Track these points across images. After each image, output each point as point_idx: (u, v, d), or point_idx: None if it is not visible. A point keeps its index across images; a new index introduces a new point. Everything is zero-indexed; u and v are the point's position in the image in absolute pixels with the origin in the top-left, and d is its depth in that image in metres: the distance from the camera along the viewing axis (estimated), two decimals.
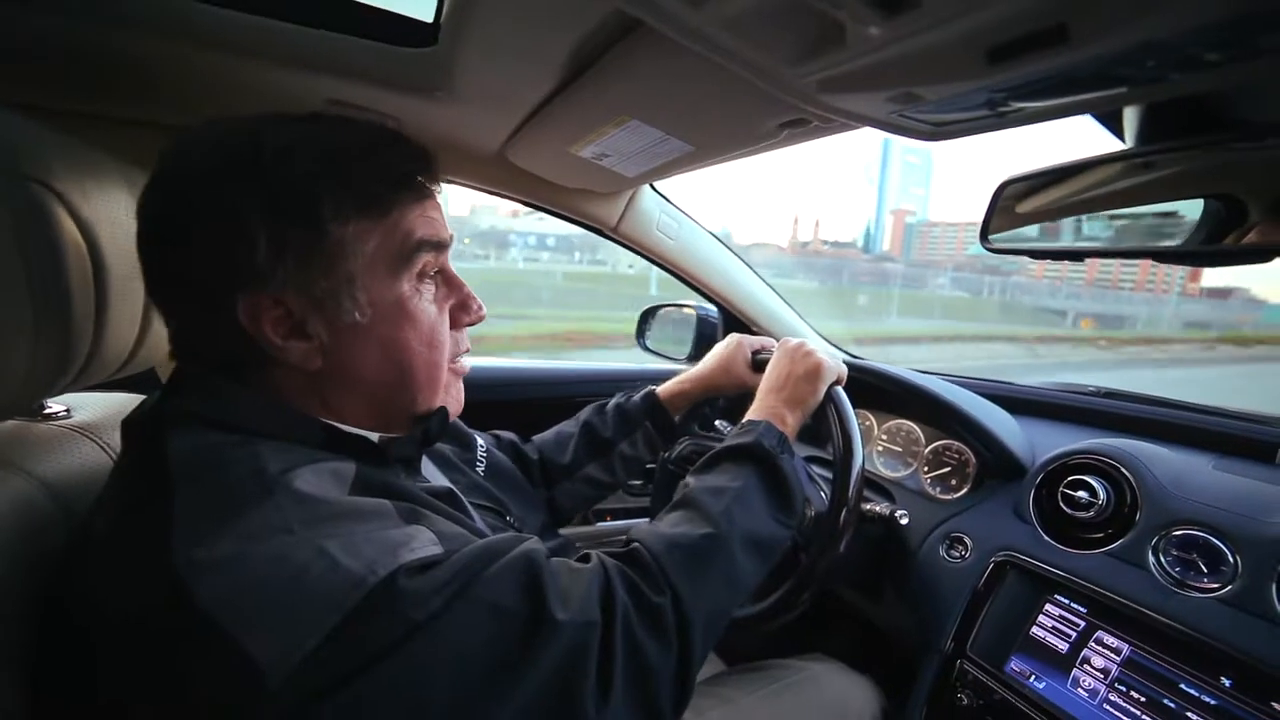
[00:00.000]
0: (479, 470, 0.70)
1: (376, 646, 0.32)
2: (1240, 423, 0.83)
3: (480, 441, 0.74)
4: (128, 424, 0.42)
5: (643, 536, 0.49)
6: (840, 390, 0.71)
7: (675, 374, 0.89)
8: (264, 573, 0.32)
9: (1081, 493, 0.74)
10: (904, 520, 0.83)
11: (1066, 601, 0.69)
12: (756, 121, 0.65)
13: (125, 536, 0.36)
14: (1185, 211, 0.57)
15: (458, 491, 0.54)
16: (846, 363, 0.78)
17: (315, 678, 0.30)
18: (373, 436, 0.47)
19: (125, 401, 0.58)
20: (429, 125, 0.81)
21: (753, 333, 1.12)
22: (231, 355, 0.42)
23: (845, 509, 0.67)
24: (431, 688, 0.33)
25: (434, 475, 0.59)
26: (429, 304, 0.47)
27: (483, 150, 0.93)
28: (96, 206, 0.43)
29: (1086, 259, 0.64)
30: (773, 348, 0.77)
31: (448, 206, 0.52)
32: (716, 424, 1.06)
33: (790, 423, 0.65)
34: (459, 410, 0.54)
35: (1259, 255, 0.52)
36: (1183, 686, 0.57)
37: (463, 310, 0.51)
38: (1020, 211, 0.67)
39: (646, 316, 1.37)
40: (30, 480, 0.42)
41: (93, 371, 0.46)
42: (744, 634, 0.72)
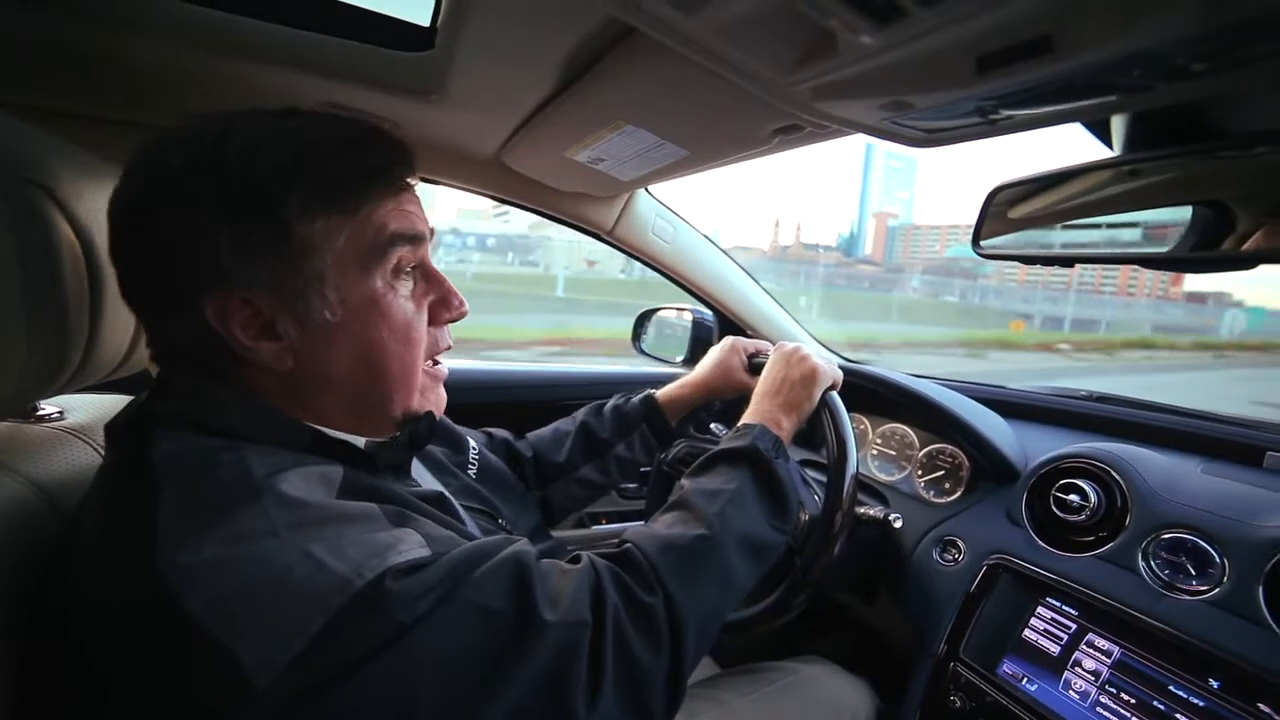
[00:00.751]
0: (470, 472, 0.70)
1: (364, 649, 0.32)
2: (1229, 427, 0.84)
3: (472, 443, 0.74)
4: (112, 427, 0.42)
5: (636, 537, 0.49)
6: (835, 395, 0.72)
7: (671, 377, 0.89)
8: (250, 576, 0.32)
9: (1073, 496, 0.74)
10: (898, 524, 0.84)
11: (1058, 604, 0.69)
12: (750, 127, 0.66)
13: (111, 539, 0.36)
14: (1174, 218, 0.58)
15: (448, 495, 0.53)
16: (842, 367, 0.79)
17: (303, 680, 0.30)
18: (359, 442, 0.46)
19: (119, 404, 0.58)
20: (425, 129, 0.82)
21: (748, 336, 1.13)
22: (205, 357, 0.41)
23: (839, 513, 0.67)
24: (420, 690, 0.33)
25: (424, 478, 0.59)
26: (405, 300, 0.46)
27: (479, 154, 0.93)
28: (91, 208, 0.43)
29: (1076, 264, 0.64)
30: (769, 351, 0.77)
31: None
32: (712, 427, 1.06)
33: (785, 427, 0.65)
34: (441, 411, 0.53)
35: (1245, 261, 0.53)
36: (1172, 688, 0.58)
37: (443, 306, 0.50)
38: (1012, 217, 0.68)
39: (643, 320, 1.37)
40: (23, 482, 0.42)
41: (87, 373, 0.46)
42: (738, 636, 0.72)
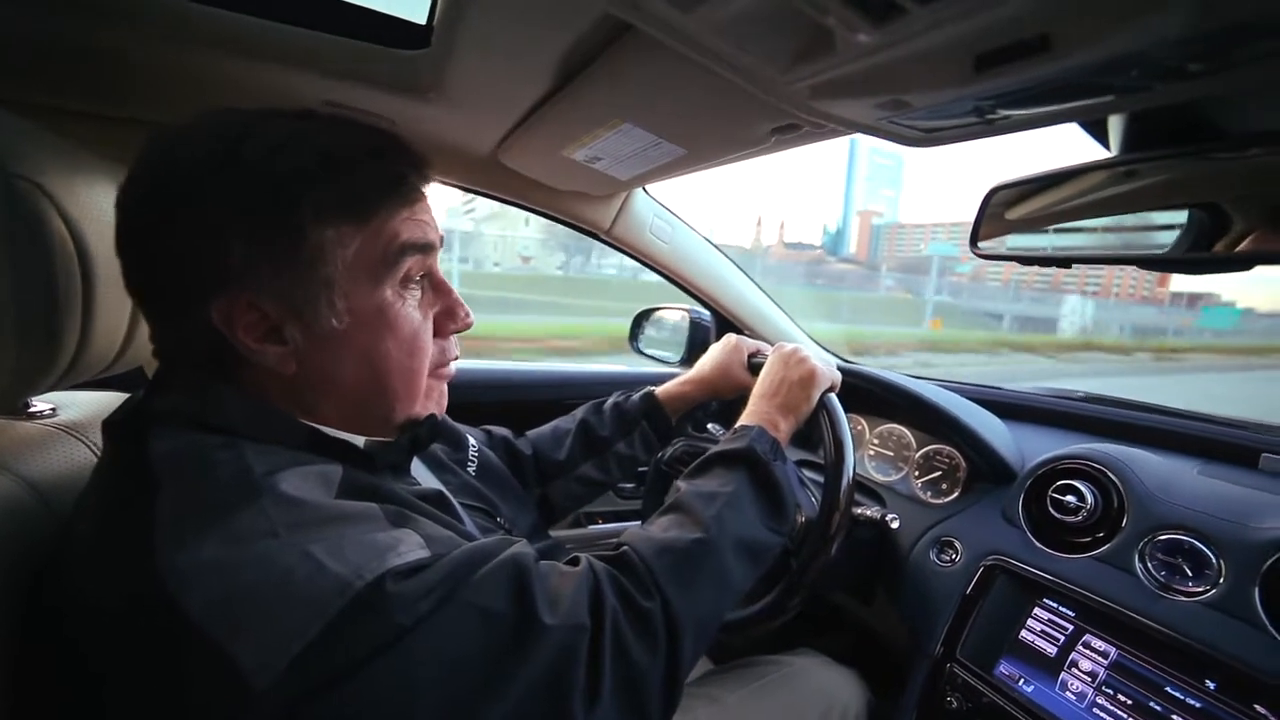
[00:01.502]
0: (470, 470, 0.70)
1: (363, 651, 0.31)
2: (1225, 428, 0.84)
3: (472, 440, 0.73)
4: (109, 423, 0.41)
5: (633, 540, 0.49)
6: (833, 397, 0.72)
7: (668, 377, 0.89)
8: (249, 577, 0.32)
9: (1070, 497, 0.74)
10: (895, 524, 0.83)
11: (1055, 605, 0.69)
12: (748, 126, 0.66)
13: (108, 538, 0.35)
14: (1170, 219, 0.58)
15: (447, 494, 0.53)
16: (840, 368, 0.78)
17: (301, 682, 0.30)
18: (358, 441, 0.46)
19: (112, 400, 0.58)
20: (422, 126, 0.81)
21: (746, 336, 1.13)
22: (207, 355, 0.41)
23: (837, 514, 0.67)
24: (419, 692, 0.33)
25: (424, 476, 0.59)
26: (412, 310, 0.45)
27: (475, 152, 0.93)
28: (84, 204, 0.42)
29: (1072, 265, 0.64)
30: (768, 351, 0.77)
31: None
32: (709, 426, 1.06)
33: (783, 428, 0.65)
34: (443, 411, 0.53)
35: (1241, 263, 0.53)
36: (1168, 689, 0.58)
37: (449, 317, 0.50)
38: (1009, 218, 0.68)
39: (640, 319, 1.37)
40: (15, 479, 0.42)
41: (79, 370, 0.45)
42: (734, 636, 0.72)
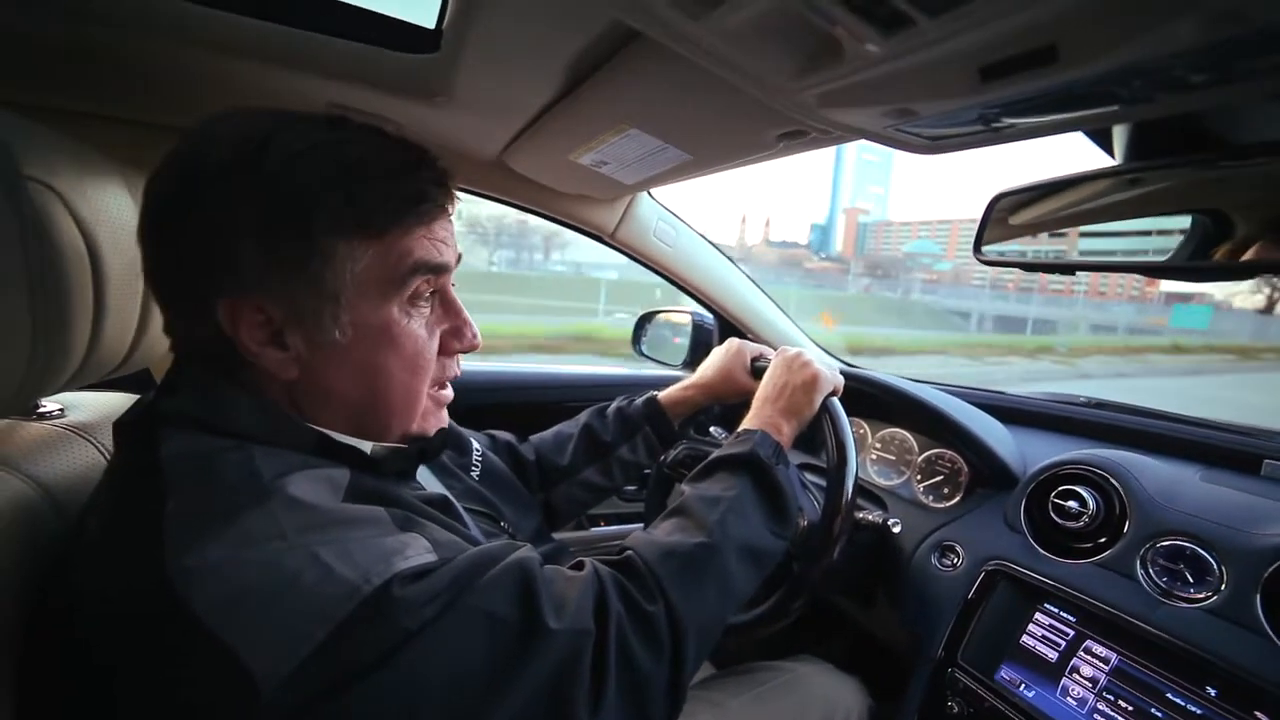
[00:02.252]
0: (474, 475, 0.70)
1: (370, 655, 0.32)
2: (1228, 435, 0.84)
3: (475, 445, 0.74)
4: (120, 425, 0.42)
5: (637, 545, 0.49)
6: (836, 401, 0.72)
7: (671, 379, 0.89)
8: (258, 580, 0.32)
9: (1072, 502, 0.74)
10: (896, 529, 0.84)
11: (1056, 611, 0.69)
12: (755, 132, 0.66)
13: (118, 540, 0.36)
14: (1173, 227, 0.59)
15: (452, 498, 0.53)
16: (842, 372, 0.79)
17: (309, 686, 0.30)
18: (365, 447, 0.46)
19: (120, 401, 0.58)
20: (429, 130, 0.82)
21: (748, 340, 1.13)
22: (216, 354, 0.41)
23: (839, 518, 0.67)
24: (425, 696, 0.33)
25: (428, 481, 0.59)
26: (418, 328, 0.45)
27: (482, 155, 0.94)
28: (95, 206, 0.43)
29: (1076, 272, 0.65)
30: (771, 355, 0.77)
31: None
32: (711, 430, 1.06)
33: (786, 433, 0.66)
34: (443, 428, 0.52)
35: (1243, 272, 0.53)
36: (1169, 696, 0.58)
37: (455, 337, 0.49)
38: (1013, 224, 0.69)
39: (643, 322, 1.37)
40: (24, 479, 0.42)
41: (89, 371, 0.46)
42: (735, 640, 0.72)
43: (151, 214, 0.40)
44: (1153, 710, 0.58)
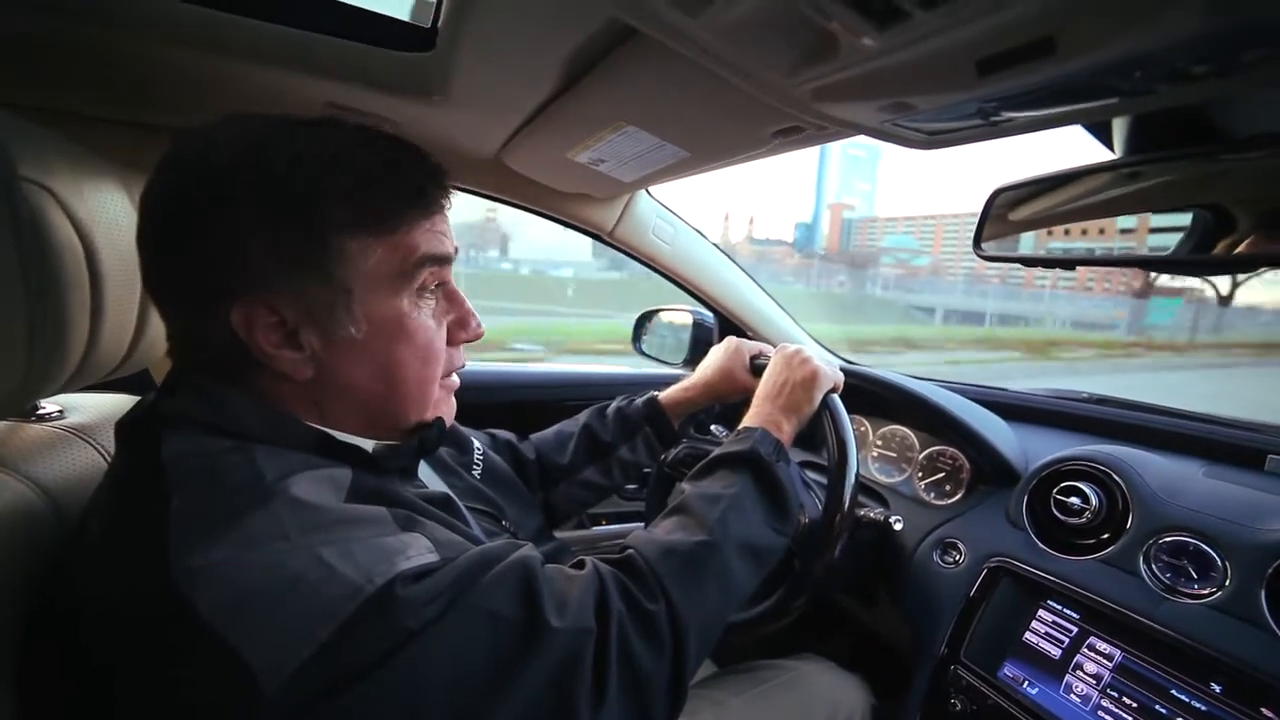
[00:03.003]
0: (475, 473, 0.70)
1: (373, 654, 0.32)
2: (1230, 430, 0.83)
3: (477, 444, 0.74)
4: (122, 426, 0.42)
5: (638, 543, 0.49)
6: (836, 398, 0.72)
7: (671, 378, 0.89)
8: (261, 580, 0.32)
9: (1074, 499, 0.74)
10: (898, 526, 0.83)
11: (1059, 607, 0.69)
12: (751, 129, 0.66)
13: (120, 541, 0.36)
14: (1173, 220, 0.58)
15: (453, 497, 0.53)
16: (843, 369, 0.79)
17: (311, 685, 0.30)
18: (367, 445, 0.46)
19: (119, 403, 0.58)
20: (425, 129, 0.82)
21: (748, 338, 1.13)
22: (224, 358, 0.41)
23: (840, 515, 0.67)
24: (427, 695, 0.33)
25: (431, 480, 0.59)
26: (428, 319, 0.46)
27: (479, 154, 0.93)
28: (93, 207, 0.43)
29: (1076, 266, 0.64)
30: (770, 353, 0.77)
31: None
32: (712, 428, 1.06)
33: (786, 430, 0.65)
34: (451, 419, 0.53)
35: (1244, 264, 0.53)
36: (1174, 692, 0.58)
37: (460, 327, 0.50)
38: (1013, 219, 0.68)
39: (643, 321, 1.37)
40: (23, 481, 0.42)
41: (87, 373, 0.46)
42: (737, 638, 0.72)
43: (154, 223, 0.40)
44: (1157, 707, 0.58)
